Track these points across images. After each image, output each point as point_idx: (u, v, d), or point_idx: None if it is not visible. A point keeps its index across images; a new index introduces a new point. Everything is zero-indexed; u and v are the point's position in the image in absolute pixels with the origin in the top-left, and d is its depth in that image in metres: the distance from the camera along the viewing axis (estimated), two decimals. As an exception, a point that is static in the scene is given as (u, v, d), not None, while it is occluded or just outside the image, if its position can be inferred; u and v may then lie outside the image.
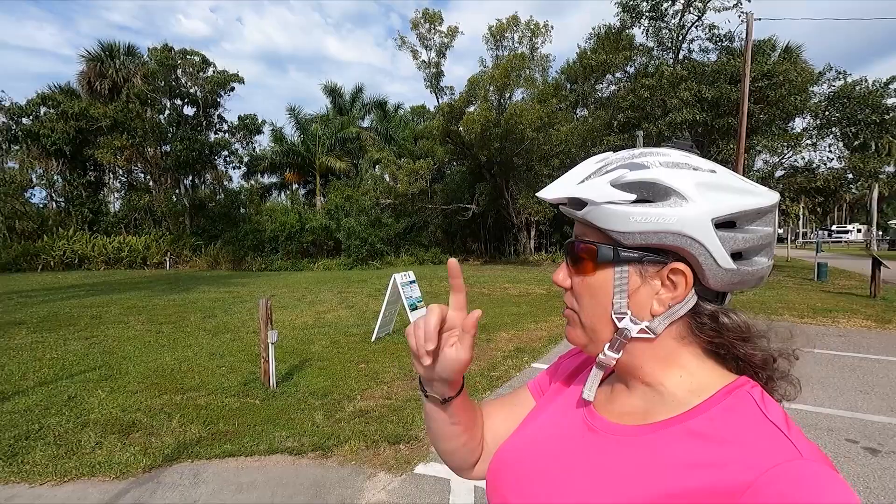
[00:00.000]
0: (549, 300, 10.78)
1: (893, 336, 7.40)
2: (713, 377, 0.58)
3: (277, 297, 11.30)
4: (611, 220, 0.56)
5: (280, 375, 5.05)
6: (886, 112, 17.47)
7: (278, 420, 3.99)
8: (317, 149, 27.26)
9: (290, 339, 6.91)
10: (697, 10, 19.48)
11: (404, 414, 4.13)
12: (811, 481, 0.44)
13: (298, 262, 21.86)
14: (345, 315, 8.97)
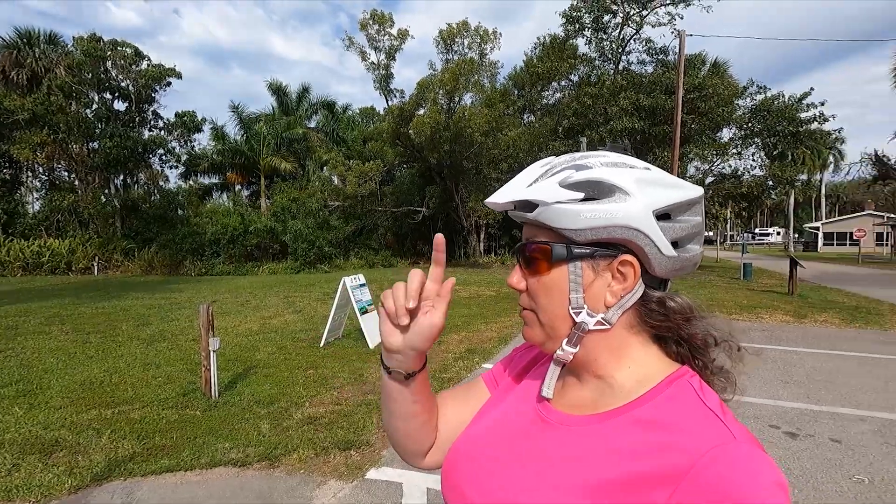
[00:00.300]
0: (499, 302, 10.97)
1: (809, 329, 8.11)
2: (658, 367, 0.61)
3: (219, 302, 10.80)
4: (562, 218, 0.58)
5: (223, 384, 4.83)
6: (800, 125, 19.16)
7: (221, 431, 3.80)
8: (261, 148, 26.32)
9: (234, 346, 6.62)
10: (635, 24, 20.58)
11: (355, 419, 4.06)
12: (744, 461, 0.48)
13: (242, 266, 20.99)
14: (292, 320, 8.71)
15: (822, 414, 4.28)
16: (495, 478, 0.63)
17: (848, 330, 8.07)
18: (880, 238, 36.15)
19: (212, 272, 20.40)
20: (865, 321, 8.68)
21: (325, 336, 6.68)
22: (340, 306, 6.71)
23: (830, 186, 57.53)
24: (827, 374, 5.47)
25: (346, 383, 5.04)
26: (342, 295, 6.58)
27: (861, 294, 12.53)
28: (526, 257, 0.64)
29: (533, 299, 0.64)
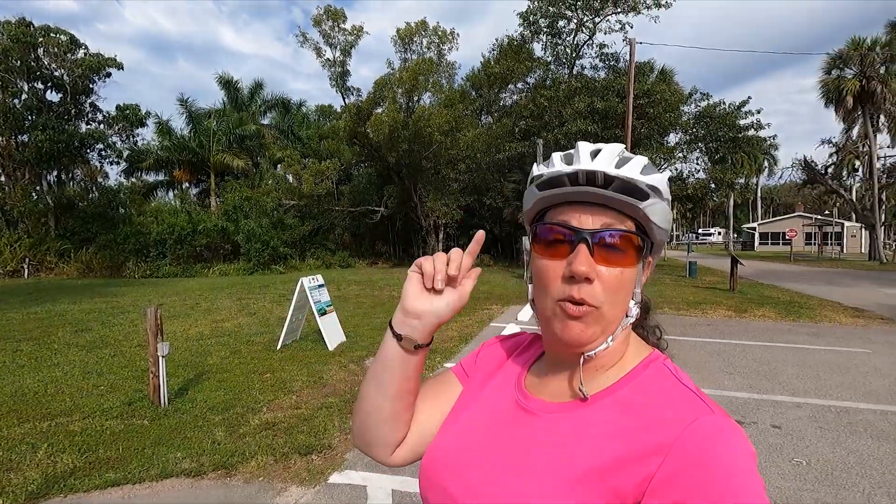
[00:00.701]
0: (459, 301, 11.01)
1: (749, 323, 8.62)
2: (635, 351, 0.65)
3: (167, 305, 10.27)
4: (659, 215, 0.60)
5: (172, 391, 4.59)
6: (739, 131, 20.35)
7: (172, 440, 3.61)
8: (211, 145, 25.22)
9: (184, 351, 6.32)
10: (589, 30, 21.22)
11: (315, 423, 3.96)
12: (722, 431, 0.51)
13: (190, 267, 20.04)
14: (246, 323, 8.40)
15: (764, 402, 4.56)
16: (481, 472, 0.62)
17: (783, 323, 8.64)
18: (809, 238, 38.98)
19: (157, 274, 19.38)
20: (798, 315, 9.33)
21: (282, 338, 6.48)
22: (298, 308, 6.53)
23: (765, 189, 61.47)
24: (766, 365, 5.83)
25: (305, 386, 4.92)
26: (300, 296, 6.41)
27: (793, 290, 13.46)
28: (614, 246, 0.59)
29: (607, 291, 0.58)
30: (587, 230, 0.58)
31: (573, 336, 0.59)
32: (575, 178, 0.59)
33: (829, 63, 25.57)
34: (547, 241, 0.62)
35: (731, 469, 0.48)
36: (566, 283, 0.58)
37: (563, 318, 0.59)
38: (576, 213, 0.60)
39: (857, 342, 7.09)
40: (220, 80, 28.25)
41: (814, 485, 3.06)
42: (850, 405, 4.48)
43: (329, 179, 22.96)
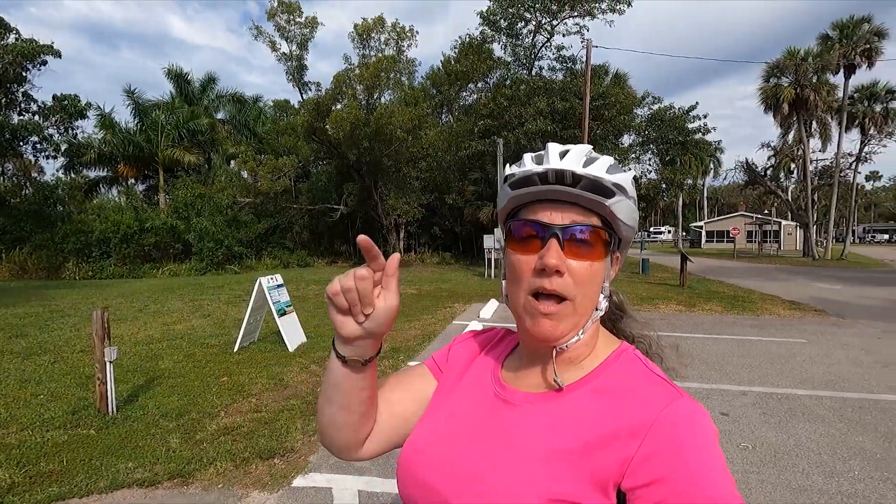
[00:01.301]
0: (421, 300, 11.01)
1: (697, 317, 9.06)
2: (605, 342, 0.69)
3: (113, 308, 9.71)
4: (626, 213, 0.63)
5: (121, 398, 4.36)
6: (688, 134, 21.33)
7: (122, 450, 3.43)
8: (160, 139, 24.01)
9: (132, 356, 6.00)
10: (547, 32, 21.64)
11: (277, 426, 3.86)
12: (691, 414, 0.56)
13: (138, 267, 19.02)
14: (200, 325, 8.07)
15: (713, 391, 4.81)
16: (464, 463, 0.63)
17: (728, 316, 9.14)
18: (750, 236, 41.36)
19: (101, 275, 18.30)
20: (742, 308, 9.89)
21: (240, 340, 6.27)
22: (256, 308, 6.33)
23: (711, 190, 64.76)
24: (714, 356, 6.15)
25: (265, 389, 4.78)
26: (258, 296, 6.22)
27: (737, 285, 14.26)
28: (582, 240, 0.61)
29: (577, 284, 0.61)
30: (557, 226, 0.61)
31: (544, 332, 0.62)
32: (545, 177, 0.61)
33: (768, 72, 27.18)
34: (520, 237, 0.64)
35: (700, 448, 0.53)
36: (538, 275, 0.61)
37: (535, 315, 0.62)
38: (546, 211, 0.62)
39: (795, 333, 7.60)
40: (170, 72, 26.89)
41: (759, 467, 3.26)
42: (789, 392, 4.79)
43: (286, 176, 22.38)
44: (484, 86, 23.60)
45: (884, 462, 3.33)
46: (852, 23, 24.72)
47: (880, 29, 24.28)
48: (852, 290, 13.26)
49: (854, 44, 24.40)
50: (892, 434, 3.78)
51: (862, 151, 27.85)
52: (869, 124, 26.75)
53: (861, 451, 3.49)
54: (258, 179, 22.40)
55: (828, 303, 10.65)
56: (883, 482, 3.07)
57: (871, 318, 8.83)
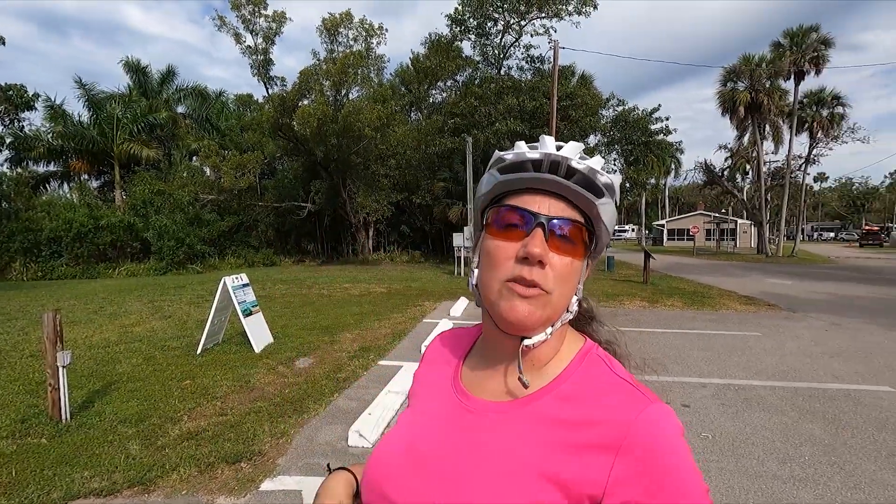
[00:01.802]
0: (391, 298, 10.95)
1: (660, 313, 9.36)
2: (570, 343, 0.67)
3: (65, 310, 9.24)
4: (610, 216, 0.62)
5: (76, 405, 4.16)
6: (651, 135, 21.99)
7: (77, 458, 3.27)
8: (115, 133, 22.94)
9: (88, 360, 5.73)
10: (515, 32, 21.86)
11: (243, 429, 3.76)
12: (661, 420, 0.55)
13: (92, 267, 18.15)
14: (160, 327, 7.78)
15: (674, 384, 4.98)
16: (424, 477, 0.61)
17: (689, 311, 9.48)
18: (709, 234, 43.01)
19: (51, 276, 17.38)
20: (701, 303, 10.27)
21: (203, 342, 6.08)
22: (220, 309, 6.15)
23: (672, 189, 66.88)
24: (675, 350, 6.37)
25: (231, 391, 4.65)
26: (222, 296, 6.04)
27: (697, 281, 14.81)
28: (567, 235, 0.60)
29: (557, 279, 0.59)
30: (544, 215, 0.59)
31: (520, 316, 0.58)
32: (539, 164, 0.60)
33: (725, 76, 28.29)
34: (503, 223, 0.62)
35: (675, 456, 0.53)
36: (519, 263, 0.59)
37: (511, 298, 0.59)
38: (535, 199, 0.61)
39: (750, 327, 7.95)
40: (127, 64, 25.74)
41: (718, 456, 3.40)
42: (745, 383, 5.01)
43: (251, 173, 21.81)
44: (453, 84, 23.66)
45: (831, 447, 3.53)
46: (801, 31, 26.01)
47: (827, 38, 25.65)
48: (802, 285, 13.98)
49: (803, 51, 25.68)
50: (839, 421, 4.02)
51: (810, 154, 29.37)
52: (817, 128, 28.22)
53: (811, 438, 3.69)
54: (221, 176, 21.72)
55: (780, 297, 11.20)
56: (830, 466, 3.25)
57: (819, 312, 9.33)
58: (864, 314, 9.09)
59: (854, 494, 2.91)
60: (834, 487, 2.99)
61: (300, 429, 3.84)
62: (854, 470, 3.20)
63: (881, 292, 12.37)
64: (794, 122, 27.50)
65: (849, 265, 22.32)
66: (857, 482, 3.05)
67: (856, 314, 9.09)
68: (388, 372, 5.26)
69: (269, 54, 24.00)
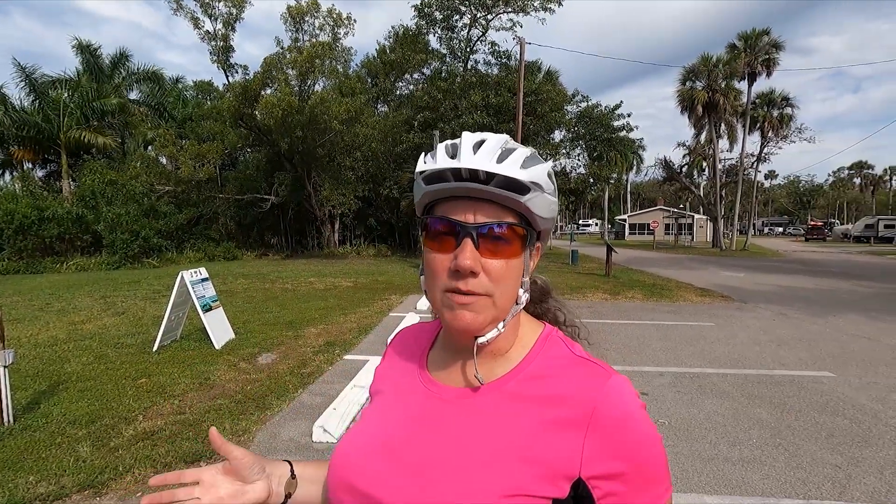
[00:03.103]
0: (357, 292, 10.84)
1: (622, 305, 9.64)
2: (529, 329, 0.70)
3: (7, 307, 8.69)
4: (543, 208, 0.62)
5: (19, 406, 3.94)
6: (613, 132, 22.52)
7: (22, 462, 3.10)
8: (62, 120, 21.65)
9: (32, 359, 5.43)
10: (482, 27, 21.88)
11: (203, 428, 3.65)
12: (621, 390, 0.60)
13: (37, 262, 17.12)
14: (113, 324, 7.44)
15: (634, 373, 5.15)
16: (405, 469, 0.61)
17: (648, 303, 9.81)
18: (668, 228, 44.55)
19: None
20: (660, 295, 10.65)
21: (159, 339, 5.85)
22: (178, 304, 5.94)
23: (633, 185, 68.83)
24: (635, 340, 6.59)
25: (190, 389, 4.51)
26: (180, 291, 5.83)
27: (656, 274, 15.33)
28: (496, 238, 0.60)
29: (495, 282, 0.60)
30: (471, 225, 0.59)
31: (464, 324, 0.60)
32: (458, 173, 0.59)
33: (685, 75, 29.28)
34: (435, 233, 0.62)
35: (639, 422, 0.58)
36: (453, 276, 0.60)
37: (453, 308, 0.60)
38: (461, 208, 0.60)
39: (705, 317, 8.31)
40: (79, 45, 24.20)
41: (674, 440, 3.54)
42: (700, 371, 5.24)
43: (211, 164, 21.06)
44: (420, 77, 23.50)
45: (776, 430, 3.74)
46: (755, 34, 27.18)
47: (777, 41, 26.91)
48: (753, 277, 14.70)
49: (756, 54, 26.85)
50: (784, 405, 4.26)
51: (762, 152, 30.85)
52: (768, 128, 29.65)
53: (759, 422, 3.89)
54: (179, 166, 20.87)
55: (733, 290, 11.73)
56: (776, 448, 3.45)
57: (767, 303, 9.84)
58: (808, 305, 9.65)
59: (796, 473, 3.10)
60: (779, 468, 3.17)
61: (262, 426, 3.76)
62: (797, 451, 3.40)
63: (824, 284, 13.15)
64: (747, 121, 28.77)
65: (795, 258, 23.61)
66: (799, 462, 3.24)
67: (800, 305, 9.63)
68: (353, 366, 5.21)
69: (230, 41, 23.19)
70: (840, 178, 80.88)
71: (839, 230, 48.48)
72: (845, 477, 3.05)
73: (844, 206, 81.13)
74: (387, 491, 0.60)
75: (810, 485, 2.97)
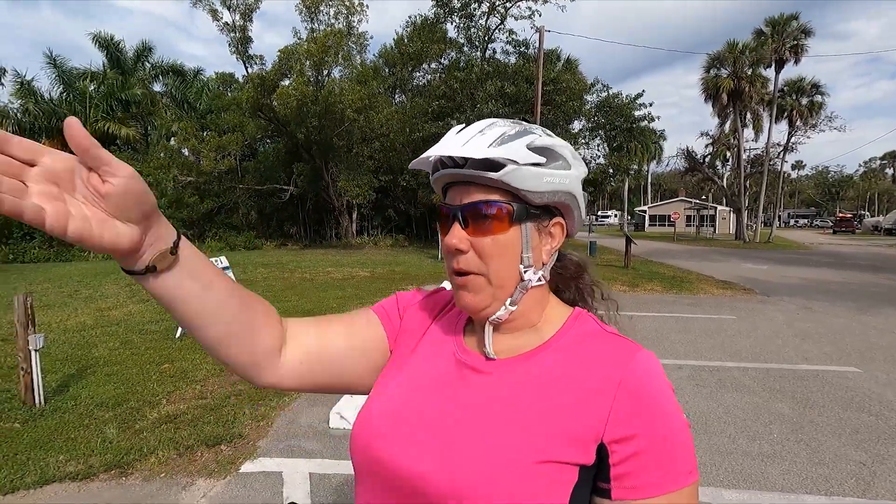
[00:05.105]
0: (374, 282, 10.92)
1: (640, 296, 9.52)
2: (559, 310, 0.71)
3: (38, 294, 9.00)
4: (528, 181, 0.61)
5: (50, 389, 4.08)
6: (634, 121, 22.08)
7: (52, 442, 3.22)
8: (88, 112, 22.17)
9: (62, 344, 5.62)
10: (500, 15, 21.58)
11: (223, 412, 3.74)
12: (650, 362, 0.61)
13: (66, 250, 17.67)
14: (138, 310, 7.64)
15: (652, 366, 5.09)
16: (438, 435, 0.61)
17: (668, 295, 9.67)
18: (689, 220, 43.75)
19: (23, 259, 16.88)
20: (680, 288, 10.48)
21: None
22: (200, 292, 6.06)
23: (654, 176, 67.64)
24: (654, 333, 6.50)
25: (210, 375, 4.61)
26: (202, 279, 5.95)
27: (676, 266, 15.08)
28: (481, 216, 0.63)
29: (485, 260, 0.63)
30: (456, 206, 0.64)
31: (466, 304, 0.66)
32: (442, 162, 0.64)
33: (709, 62, 28.50)
34: (440, 219, 0.68)
35: (662, 393, 0.59)
36: (449, 255, 0.66)
37: (456, 289, 0.67)
38: (453, 192, 0.65)
39: (726, 310, 8.15)
40: (97, 38, 24.66)
41: (693, 434, 3.49)
42: (719, 364, 5.15)
43: (231, 155, 21.33)
44: (438, 66, 23.34)
45: (798, 425, 3.67)
46: (783, 19, 26.26)
47: (806, 27, 25.96)
48: (777, 270, 14.35)
49: (784, 40, 25.96)
50: (807, 400, 4.16)
51: (789, 142, 29.93)
52: (795, 116, 28.72)
53: (780, 416, 3.82)
54: (200, 158, 21.22)
55: (756, 282, 11.48)
56: (797, 443, 3.38)
57: (792, 296, 9.61)
58: (834, 298, 9.39)
59: (819, 469, 3.04)
60: (800, 463, 3.11)
61: (281, 412, 3.83)
62: (819, 446, 3.33)
63: (852, 277, 12.77)
64: (773, 109, 27.92)
65: (822, 251, 22.96)
66: (821, 458, 3.18)
67: (827, 298, 9.37)
68: (370, 355, 5.27)
69: (248, 31, 23.33)
70: (871, 168, 78.10)
71: (869, 222, 46.87)
72: (870, 474, 2.98)
73: (875, 198, 78.33)
74: (416, 457, 0.60)
75: (833, 481, 2.91)
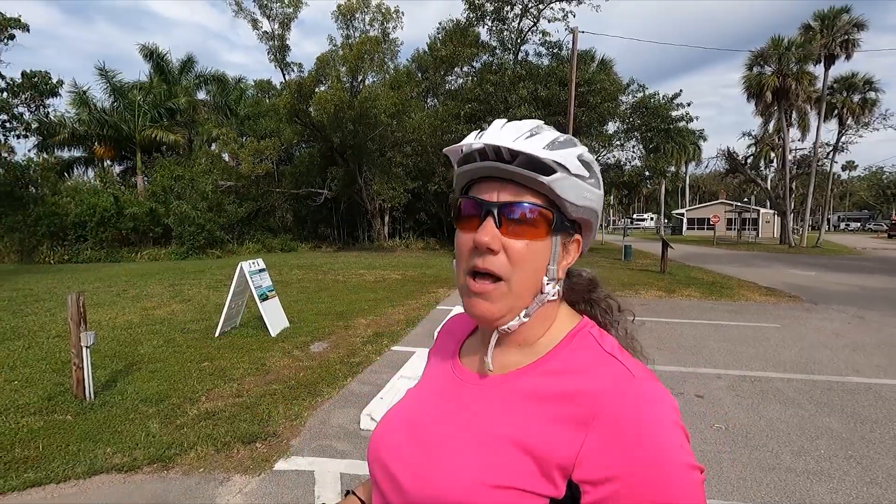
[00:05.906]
0: (405, 285, 11.01)
1: (677, 303, 9.24)
2: (563, 322, 0.66)
3: (90, 293, 9.52)
4: (571, 192, 0.60)
5: (99, 384, 4.30)
6: (671, 122, 21.48)
7: (100, 435, 3.39)
8: (137, 120, 23.31)
9: (111, 341, 5.91)
10: (533, 17, 21.44)
11: (259, 411, 3.85)
12: (648, 392, 0.54)
13: (115, 252, 18.62)
14: (180, 310, 7.96)
15: (689, 374, 4.93)
16: (421, 447, 0.64)
17: (706, 302, 9.33)
18: (730, 223, 42.12)
19: (77, 259, 17.89)
20: (720, 294, 10.10)
21: (221, 325, 6.21)
22: (237, 293, 6.27)
23: (692, 177, 65.55)
24: (691, 340, 6.29)
25: (247, 374, 4.76)
26: (239, 281, 6.15)
27: (716, 271, 14.54)
28: (521, 218, 0.59)
29: (513, 264, 0.59)
30: (493, 203, 0.59)
31: (480, 312, 0.61)
32: (484, 153, 0.60)
33: (752, 60, 27.42)
34: (462, 214, 0.63)
35: (655, 431, 0.51)
36: (473, 253, 0.60)
37: (470, 295, 0.62)
38: (486, 188, 0.61)
39: (769, 318, 7.80)
40: (144, 50, 25.89)
41: (731, 447, 3.37)
42: (762, 374, 4.93)
43: (269, 160, 21.96)
44: (470, 70, 23.36)
45: (848, 441, 3.47)
46: (833, 13, 25.00)
47: (859, 20, 24.62)
48: (826, 276, 13.64)
49: (834, 34, 24.71)
50: (858, 415, 3.94)
51: (839, 141, 28.41)
52: (846, 114, 27.25)
53: (828, 431, 3.62)
54: (239, 163, 21.94)
55: (802, 289, 10.94)
56: (847, 460, 3.20)
57: (842, 304, 9.10)
58: (890, 307, 8.84)
59: (871, 489, 2.86)
60: (850, 482, 2.94)
61: (314, 411, 3.91)
62: (871, 465, 3.14)
63: (909, 285, 12.00)
64: (822, 107, 26.58)
65: (876, 256, 21.67)
66: (874, 477, 3.00)
67: (881, 307, 8.84)
68: (401, 357, 5.32)
69: (286, 40, 23.99)
70: (932, 168, 73.21)
71: (929, 226, 43.91)
72: (928, 496, 2.79)
73: (936, 200, 73.41)
74: (400, 465, 0.63)
75: (885, 502, 2.74)
